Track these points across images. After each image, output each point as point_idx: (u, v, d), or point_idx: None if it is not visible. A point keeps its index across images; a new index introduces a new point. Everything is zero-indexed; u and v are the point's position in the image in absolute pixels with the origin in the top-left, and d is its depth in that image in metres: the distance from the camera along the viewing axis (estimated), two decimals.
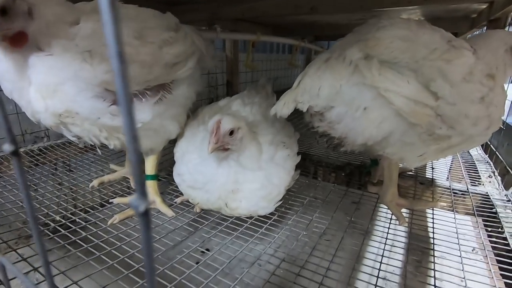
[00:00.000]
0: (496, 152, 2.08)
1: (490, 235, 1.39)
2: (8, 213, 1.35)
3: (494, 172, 1.92)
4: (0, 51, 1.03)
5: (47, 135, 2.08)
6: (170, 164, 1.73)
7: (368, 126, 1.26)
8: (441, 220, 1.45)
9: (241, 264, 1.35)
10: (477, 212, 1.52)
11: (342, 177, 1.95)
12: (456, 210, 1.53)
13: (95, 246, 1.21)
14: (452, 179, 1.88)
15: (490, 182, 1.81)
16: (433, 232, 1.36)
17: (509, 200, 1.58)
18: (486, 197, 1.63)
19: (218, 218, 1.50)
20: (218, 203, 1.32)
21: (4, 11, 0.95)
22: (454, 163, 2.17)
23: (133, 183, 1.78)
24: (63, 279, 1.02)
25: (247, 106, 1.58)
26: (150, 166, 1.59)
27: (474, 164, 2.08)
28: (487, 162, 2.11)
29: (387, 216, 1.53)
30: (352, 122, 1.28)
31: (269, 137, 1.41)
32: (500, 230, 1.36)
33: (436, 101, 1.15)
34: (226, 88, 3.17)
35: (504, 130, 2.07)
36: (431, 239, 1.32)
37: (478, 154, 2.28)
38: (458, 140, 1.26)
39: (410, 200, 1.63)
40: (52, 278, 0.38)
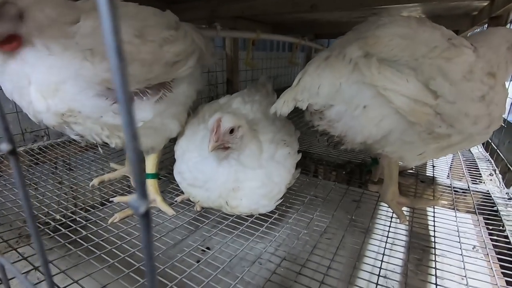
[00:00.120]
0: (497, 150, 2.08)
1: (491, 233, 1.39)
2: (9, 212, 1.35)
3: (495, 170, 1.92)
4: None
5: (47, 134, 2.08)
6: (170, 163, 1.73)
7: (367, 125, 1.26)
8: (442, 218, 1.45)
9: (242, 263, 1.35)
10: (478, 210, 1.52)
11: (342, 175, 1.94)
12: (457, 208, 1.53)
13: (96, 245, 1.21)
14: (453, 177, 1.88)
15: (491, 180, 1.80)
16: (434, 231, 1.36)
17: (510, 198, 1.57)
18: (487, 195, 1.63)
19: (219, 217, 1.50)
20: (219, 201, 1.31)
21: None
22: (455, 161, 2.16)
23: (133, 181, 1.78)
24: (64, 278, 1.02)
25: (248, 104, 1.58)
26: (150, 165, 1.59)
27: (475, 162, 2.08)
28: (488, 160, 2.10)
29: (388, 215, 1.52)
30: (351, 121, 1.27)
31: (269, 135, 1.40)
32: (501, 228, 1.36)
33: (435, 99, 1.14)
34: (226, 87, 3.16)
35: (505, 128, 2.06)
36: (432, 237, 1.32)
37: (479, 152, 2.27)
38: (458, 139, 1.25)
39: (411, 198, 1.62)
40: (51, 278, 0.38)
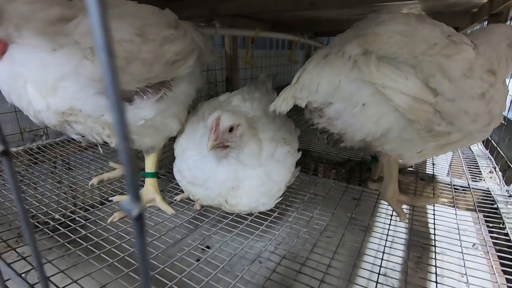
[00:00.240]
0: (497, 148, 2.07)
1: (491, 231, 1.39)
2: (8, 211, 1.34)
3: (495, 168, 1.91)
4: None
5: (46, 133, 2.07)
6: (170, 162, 1.72)
7: (366, 122, 1.25)
8: (442, 216, 1.44)
9: (241, 262, 1.35)
10: (478, 207, 1.52)
11: (342, 173, 1.94)
12: (457, 206, 1.53)
13: (95, 244, 1.21)
14: (453, 175, 1.88)
15: (491, 177, 1.80)
16: (434, 228, 1.36)
17: (510, 196, 1.57)
18: (487, 192, 1.63)
19: (219, 216, 1.50)
20: (218, 199, 1.31)
21: None
22: (454, 159, 2.16)
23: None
24: (63, 277, 1.02)
25: (247, 102, 1.57)
26: (150, 164, 1.58)
27: (475, 159, 2.07)
28: (488, 158, 2.10)
29: (388, 213, 1.52)
30: (350, 118, 1.27)
31: (269, 133, 1.40)
32: (501, 225, 1.36)
33: (435, 97, 1.13)
34: (226, 85, 3.15)
35: (505, 126, 2.05)
36: (432, 235, 1.32)
37: (479, 149, 2.27)
38: (458, 137, 1.24)
39: (411, 196, 1.62)
40: (46, 280, 0.37)
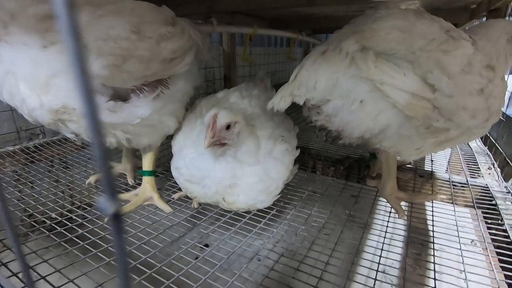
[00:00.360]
0: (496, 144, 2.07)
1: (489, 227, 1.39)
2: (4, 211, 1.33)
3: (493, 164, 1.91)
4: None
5: (43, 132, 2.06)
6: (167, 160, 1.71)
7: (364, 119, 1.24)
8: (440, 212, 1.44)
9: (240, 259, 1.35)
10: (476, 204, 1.51)
11: (341, 170, 1.93)
12: (455, 203, 1.52)
13: (92, 243, 1.20)
14: (452, 172, 1.87)
15: (489, 174, 1.80)
16: (432, 225, 1.36)
17: (508, 192, 1.57)
18: (486, 189, 1.62)
19: (217, 214, 1.49)
20: (216, 197, 1.30)
21: None
22: (453, 156, 2.16)
23: (130, 179, 1.77)
24: (60, 277, 1.01)
25: (246, 99, 1.56)
26: (147, 162, 1.57)
27: (474, 156, 2.07)
28: (487, 154, 2.10)
29: (387, 210, 1.52)
30: (348, 115, 1.26)
31: (267, 131, 1.39)
32: (499, 222, 1.36)
33: (433, 93, 1.13)
34: (224, 83, 3.13)
35: (504, 122, 2.05)
36: (431, 232, 1.31)
37: (478, 146, 2.26)
38: (456, 133, 1.24)
39: (410, 193, 1.62)
40: (32, 284, 0.36)
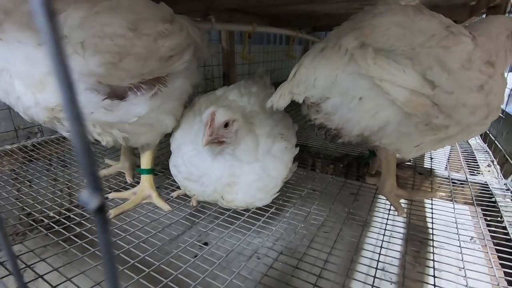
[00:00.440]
0: (495, 141, 2.07)
1: (489, 224, 1.39)
2: (2, 209, 1.33)
3: (493, 161, 1.91)
4: None
5: (41, 130, 2.05)
6: (166, 158, 1.70)
7: (364, 117, 1.24)
8: (440, 210, 1.44)
9: (239, 258, 1.34)
10: (476, 201, 1.51)
11: (340, 168, 1.93)
12: (455, 200, 1.52)
13: (90, 242, 1.19)
14: (451, 169, 1.87)
15: (489, 171, 1.80)
16: (432, 222, 1.35)
17: (508, 189, 1.57)
18: (485, 186, 1.62)
19: (216, 212, 1.49)
20: (214, 195, 1.30)
21: None
22: (452, 153, 2.15)
23: (128, 177, 1.76)
24: (58, 276, 1.01)
25: (245, 97, 1.55)
26: (145, 161, 1.57)
27: (473, 153, 2.07)
28: (486, 151, 2.09)
29: (386, 207, 1.51)
30: (348, 113, 1.25)
31: (266, 129, 1.38)
32: (499, 219, 1.35)
33: (432, 90, 1.12)
34: (223, 81, 3.12)
35: (503, 119, 2.05)
36: (430, 229, 1.31)
37: (477, 143, 2.26)
38: (456, 130, 1.23)
39: (409, 190, 1.61)
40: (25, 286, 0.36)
